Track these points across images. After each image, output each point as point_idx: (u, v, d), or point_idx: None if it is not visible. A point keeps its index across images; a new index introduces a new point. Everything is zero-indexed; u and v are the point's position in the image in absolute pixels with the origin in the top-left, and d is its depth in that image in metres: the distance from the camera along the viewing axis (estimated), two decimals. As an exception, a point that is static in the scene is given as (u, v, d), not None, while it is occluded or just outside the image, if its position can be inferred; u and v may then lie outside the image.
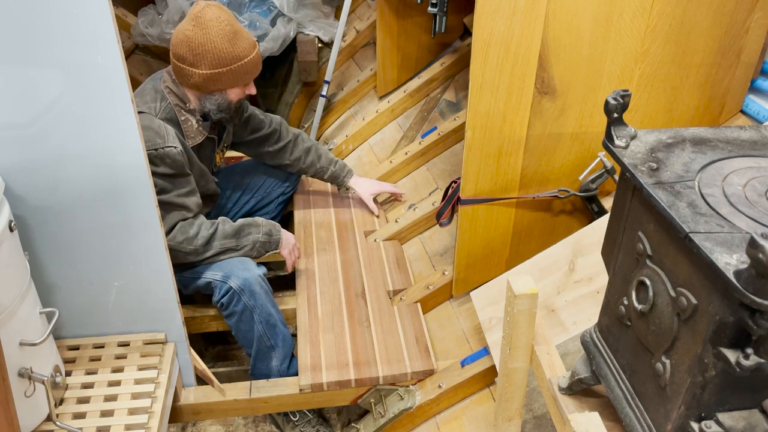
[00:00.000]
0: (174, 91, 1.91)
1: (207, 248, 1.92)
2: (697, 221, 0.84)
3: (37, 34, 1.27)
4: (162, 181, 1.80)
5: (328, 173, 2.42)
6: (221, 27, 1.81)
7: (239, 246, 1.98)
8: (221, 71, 1.85)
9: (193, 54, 1.83)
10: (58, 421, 1.47)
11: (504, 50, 1.57)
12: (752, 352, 0.79)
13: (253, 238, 2.00)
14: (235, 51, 1.84)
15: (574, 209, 1.92)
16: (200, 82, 1.87)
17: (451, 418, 1.86)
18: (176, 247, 1.85)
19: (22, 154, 1.40)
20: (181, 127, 1.92)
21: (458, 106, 2.77)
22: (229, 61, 1.84)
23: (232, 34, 1.83)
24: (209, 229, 1.93)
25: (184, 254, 1.89)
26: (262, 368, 2.01)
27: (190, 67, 1.85)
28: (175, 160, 1.82)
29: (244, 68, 1.88)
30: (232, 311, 1.93)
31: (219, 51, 1.82)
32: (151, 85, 1.93)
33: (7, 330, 1.31)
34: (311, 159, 2.38)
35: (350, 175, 2.47)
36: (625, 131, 1.05)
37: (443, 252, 2.32)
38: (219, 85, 1.88)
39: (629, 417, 1.05)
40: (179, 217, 1.87)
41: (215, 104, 1.93)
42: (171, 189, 1.84)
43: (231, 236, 1.96)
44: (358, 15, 3.57)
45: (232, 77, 1.88)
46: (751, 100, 1.78)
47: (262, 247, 2.02)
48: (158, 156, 1.78)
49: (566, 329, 1.61)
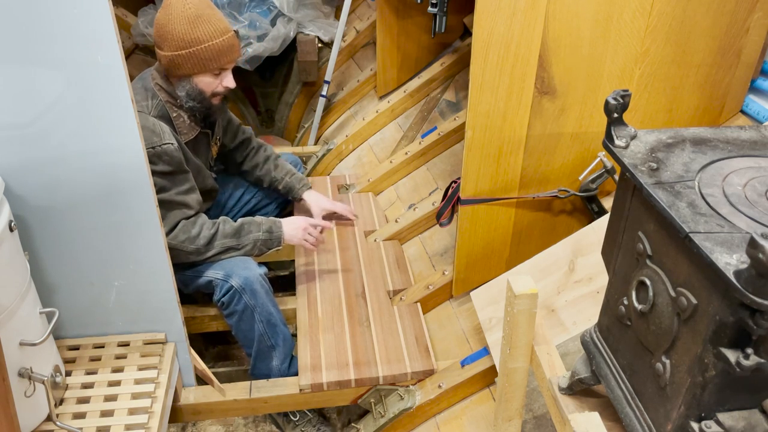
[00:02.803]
0: (164, 88, 1.91)
1: (209, 248, 1.92)
2: (697, 221, 0.84)
3: (37, 34, 1.27)
4: (161, 179, 1.79)
5: (282, 183, 2.36)
6: (184, 9, 1.80)
7: (240, 245, 1.98)
8: (181, 54, 1.83)
9: (158, 35, 1.85)
10: (58, 421, 1.47)
11: (504, 50, 1.57)
12: (752, 352, 0.79)
13: (254, 237, 2.00)
14: (195, 34, 1.81)
15: (574, 209, 1.92)
16: (166, 65, 1.87)
17: (451, 418, 1.86)
18: (178, 246, 1.85)
19: (22, 154, 1.40)
20: (173, 124, 1.91)
21: (458, 106, 2.77)
22: (188, 44, 1.82)
23: (194, 16, 1.81)
24: (211, 228, 1.93)
25: (186, 253, 1.89)
26: (262, 368, 2.01)
27: (158, 49, 1.87)
28: (172, 157, 1.82)
29: (204, 53, 1.83)
30: (233, 310, 1.94)
31: (178, 32, 1.81)
32: (141, 84, 1.92)
33: (7, 330, 1.31)
34: (267, 168, 2.35)
35: (306, 188, 2.40)
36: (625, 131, 1.05)
37: (443, 252, 2.32)
38: (183, 70, 1.86)
39: (629, 417, 1.05)
40: (181, 215, 1.87)
41: (184, 91, 1.90)
42: (171, 187, 1.83)
43: (232, 236, 1.96)
44: (358, 15, 3.57)
45: (193, 61, 1.84)
46: (751, 100, 1.78)
47: (264, 245, 2.02)
48: (156, 154, 1.78)
49: (566, 329, 1.61)
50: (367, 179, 2.75)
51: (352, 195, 2.70)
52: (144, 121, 1.80)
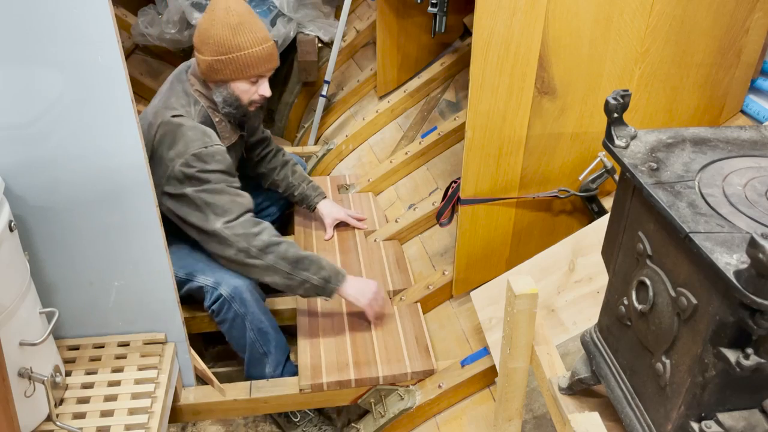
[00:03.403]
0: (204, 94, 1.93)
1: (260, 255, 1.82)
2: (697, 221, 0.84)
3: (37, 34, 1.27)
4: (219, 175, 1.81)
5: (298, 190, 2.35)
6: (227, 16, 1.82)
7: (291, 275, 1.84)
8: (221, 59, 1.84)
9: (200, 40, 1.86)
10: (58, 421, 1.47)
11: (504, 50, 1.57)
12: (752, 352, 0.79)
13: (306, 276, 1.85)
14: (236, 40, 1.83)
15: (574, 209, 1.92)
16: (205, 70, 1.88)
17: (451, 418, 1.86)
18: (230, 237, 1.80)
19: (22, 154, 1.40)
20: (216, 129, 1.93)
21: (458, 106, 2.77)
22: (228, 50, 1.83)
23: (237, 24, 1.83)
24: (274, 237, 1.85)
25: (233, 249, 1.81)
26: (255, 374, 1.99)
27: (199, 54, 1.88)
28: (224, 157, 1.84)
29: (244, 59, 1.85)
30: (224, 318, 1.91)
31: (219, 38, 1.82)
32: (181, 87, 1.93)
33: (7, 330, 1.31)
34: (285, 173, 2.34)
35: (321, 197, 2.39)
36: (625, 131, 1.05)
37: (443, 252, 2.32)
38: (221, 75, 1.87)
39: (629, 417, 1.05)
40: (245, 208, 1.84)
41: (221, 96, 1.92)
42: (231, 182, 1.85)
43: (290, 261, 1.84)
44: (358, 15, 3.57)
45: (232, 67, 1.86)
46: (751, 100, 1.78)
47: (313, 290, 1.88)
48: (209, 153, 1.79)
49: (566, 329, 1.61)
50: (367, 179, 2.74)
51: (352, 195, 2.70)
52: (192, 123, 1.82)
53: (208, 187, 1.80)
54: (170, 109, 1.86)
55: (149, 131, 1.84)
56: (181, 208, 1.83)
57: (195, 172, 1.78)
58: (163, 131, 1.81)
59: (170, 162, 1.79)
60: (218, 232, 1.80)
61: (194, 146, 1.79)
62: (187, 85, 1.93)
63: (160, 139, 1.81)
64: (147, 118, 1.89)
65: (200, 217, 1.81)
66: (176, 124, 1.81)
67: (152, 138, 1.83)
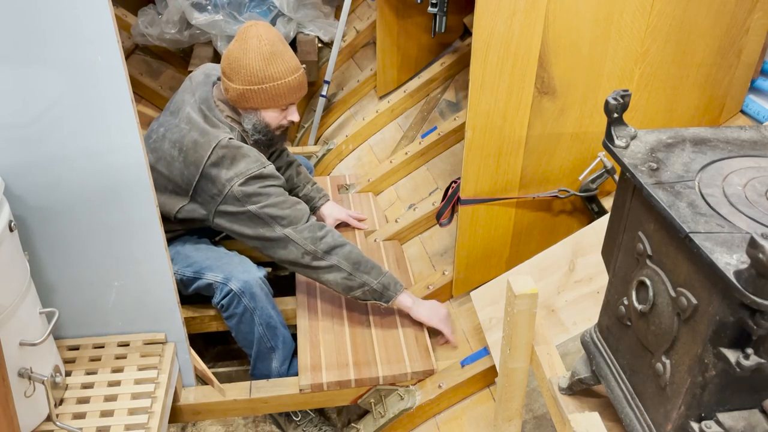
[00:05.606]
0: (236, 120, 1.95)
1: (325, 256, 1.85)
2: (697, 221, 0.84)
3: (37, 34, 1.26)
4: (278, 189, 1.86)
5: (303, 191, 2.37)
6: (260, 45, 1.83)
7: (352, 276, 1.87)
8: (253, 89, 1.86)
9: (230, 68, 1.87)
10: (58, 421, 1.47)
11: (504, 50, 1.57)
12: (752, 352, 0.79)
13: (366, 279, 1.87)
14: (269, 71, 1.84)
15: (574, 209, 1.92)
16: (235, 98, 1.89)
17: (451, 418, 1.86)
18: (297, 240, 1.83)
19: (22, 154, 1.40)
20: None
21: (458, 106, 2.77)
22: (261, 80, 1.85)
23: (269, 54, 1.84)
24: (338, 239, 1.88)
25: (300, 252, 1.84)
26: (262, 369, 2.01)
27: (228, 81, 1.89)
28: (278, 174, 1.89)
29: (276, 90, 1.87)
30: (233, 313, 1.93)
31: (252, 68, 1.84)
32: (212, 114, 1.91)
33: (7, 330, 1.31)
34: (290, 173, 2.35)
35: (325, 199, 2.41)
36: (625, 131, 1.05)
37: (443, 252, 2.32)
38: (252, 103, 1.89)
39: (629, 417, 1.05)
40: (307, 213, 1.88)
41: (251, 124, 1.94)
42: (286, 194, 1.89)
43: (352, 262, 1.87)
44: (358, 15, 3.57)
45: (264, 97, 1.87)
46: (751, 100, 1.78)
47: (371, 294, 1.89)
48: (268, 172, 1.84)
49: (566, 329, 1.61)
50: (367, 179, 2.74)
51: (352, 195, 2.70)
52: (248, 147, 1.87)
53: (270, 201, 1.83)
54: (224, 132, 1.87)
55: (195, 149, 1.83)
56: (244, 224, 1.85)
57: (257, 189, 1.81)
58: (223, 153, 1.81)
59: (227, 182, 1.81)
60: (286, 238, 1.83)
61: (254, 167, 1.82)
62: (217, 111, 1.93)
63: (217, 160, 1.81)
64: (180, 132, 1.88)
65: (267, 229, 1.84)
66: (236, 147, 1.83)
67: (205, 157, 1.81)
